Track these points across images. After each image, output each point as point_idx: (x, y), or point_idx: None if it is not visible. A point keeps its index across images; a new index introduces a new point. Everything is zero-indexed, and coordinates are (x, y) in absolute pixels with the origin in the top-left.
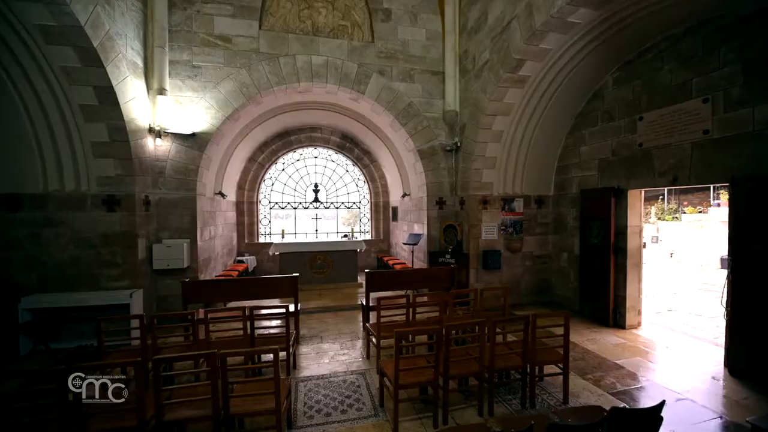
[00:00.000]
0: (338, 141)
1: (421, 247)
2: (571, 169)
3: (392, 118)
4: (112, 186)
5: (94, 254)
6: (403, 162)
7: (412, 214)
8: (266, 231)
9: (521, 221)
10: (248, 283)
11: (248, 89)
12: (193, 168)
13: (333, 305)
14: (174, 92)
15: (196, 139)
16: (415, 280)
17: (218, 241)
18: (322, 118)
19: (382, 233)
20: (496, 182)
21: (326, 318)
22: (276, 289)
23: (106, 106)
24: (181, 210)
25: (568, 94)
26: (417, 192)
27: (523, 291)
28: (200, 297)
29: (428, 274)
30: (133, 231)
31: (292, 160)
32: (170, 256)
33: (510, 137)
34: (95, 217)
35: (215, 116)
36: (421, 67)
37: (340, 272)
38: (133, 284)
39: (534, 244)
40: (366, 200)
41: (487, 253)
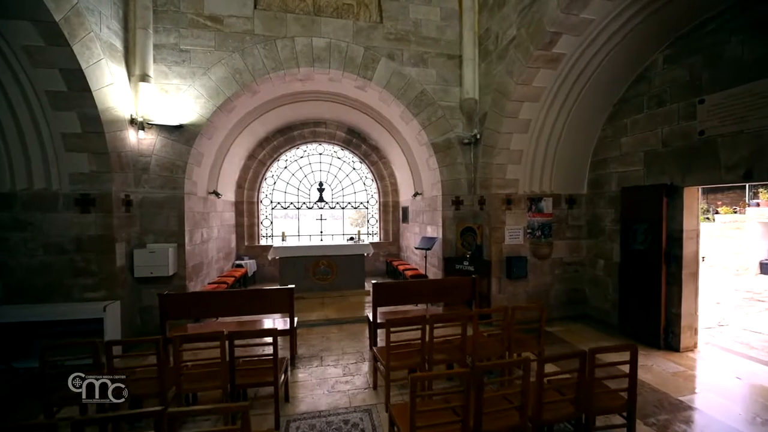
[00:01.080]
0: (344, 136)
1: (435, 252)
2: (609, 164)
3: (403, 108)
4: (86, 184)
5: (66, 261)
6: (414, 158)
7: (424, 215)
8: (268, 233)
9: (550, 223)
10: (237, 296)
11: (242, 76)
12: (181, 164)
13: (337, 317)
14: (159, 80)
15: (183, 131)
16: (430, 293)
17: (212, 244)
18: (326, 111)
19: (392, 235)
20: (522, 179)
21: (329, 333)
22: (269, 303)
23: (76, 92)
24: (167, 211)
25: (607, 76)
26: (430, 190)
27: (552, 303)
28: (181, 312)
29: (445, 285)
30: (109, 234)
31: (295, 157)
32: (154, 263)
33: (538, 127)
34: (67, 219)
35: (205, 106)
36: (435, 50)
37: (345, 279)
38: (109, 295)
39: (564, 249)
40: (374, 200)
41: (511, 259)
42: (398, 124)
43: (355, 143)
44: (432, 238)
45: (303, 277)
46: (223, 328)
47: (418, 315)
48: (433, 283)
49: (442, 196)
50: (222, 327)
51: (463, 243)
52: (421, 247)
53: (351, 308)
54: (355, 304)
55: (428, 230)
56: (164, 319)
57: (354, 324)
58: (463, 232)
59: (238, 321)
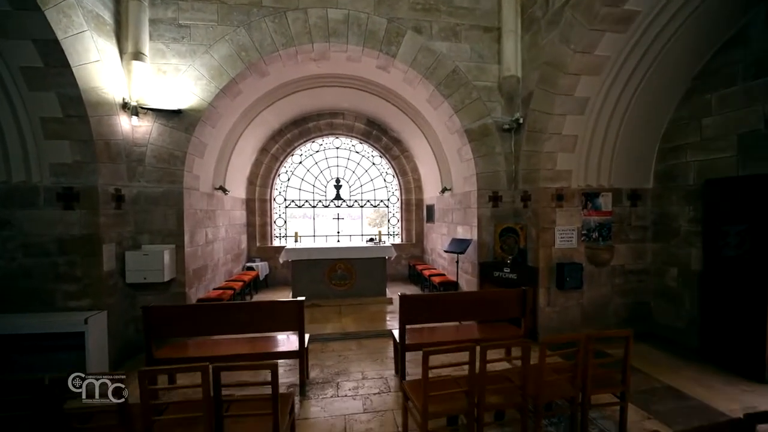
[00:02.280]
0: (363, 128)
1: (468, 256)
2: (685, 152)
3: (431, 90)
4: (69, 176)
5: (48, 264)
6: (442, 149)
7: (454, 214)
8: (281, 233)
9: (609, 223)
10: (238, 310)
11: (248, 53)
12: (179, 154)
13: (355, 330)
14: (156, 59)
15: (182, 117)
16: (470, 308)
17: (219, 245)
18: (343, 99)
19: (415, 236)
20: (576, 170)
21: (346, 350)
22: (275, 318)
23: (53, 68)
24: (165, 208)
25: (689, 40)
26: (462, 185)
27: (611, 318)
28: (170, 329)
29: (487, 298)
30: (95, 234)
31: (311, 152)
32: (147, 267)
33: (597, 107)
34: (49, 216)
35: (207, 89)
36: (469, 22)
37: (365, 284)
38: (95, 303)
39: (626, 254)
40: (395, 198)
41: (563, 266)
42: (425, 110)
43: (375, 135)
44: (464, 240)
45: (318, 282)
46: (221, 347)
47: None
48: (472, 296)
49: (477, 192)
50: (219, 347)
51: (503, 246)
52: (452, 250)
53: (371, 319)
54: (376, 314)
55: (459, 231)
56: (150, 337)
57: (375, 339)
58: (502, 234)
59: (239, 339)
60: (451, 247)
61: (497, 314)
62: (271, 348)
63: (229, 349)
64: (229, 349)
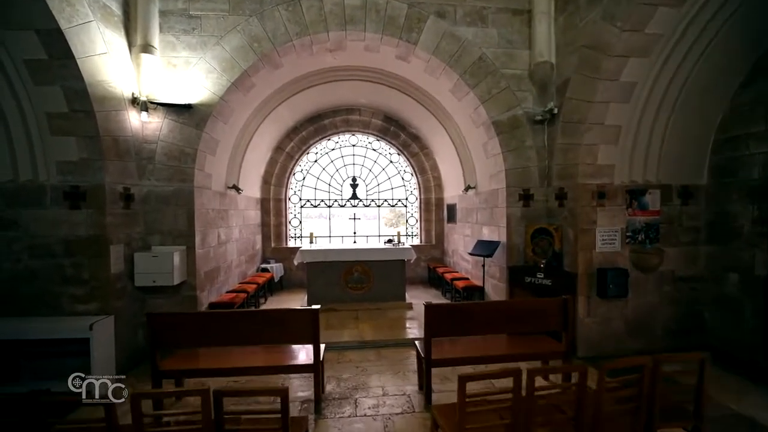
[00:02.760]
0: (380, 124)
1: (496, 259)
2: (747, 143)
3: (456, 79)
4: (75, 174)
5: (54, 266)
6: (466, 144)
7: (479, 214)
8: (296, 233)
9: (657, 224)
10: (247, 319)
11: (261, 44)
12: (190, 151)
13: (373, 338)
14: (166, 52)
15: (193, 113)
16: (503, 319)
17: (232, 246)
18: (360, 94)
19: (434, 237)
20: (620, 165)
21: (365, 360)
22: (288, 329)
23: (57, 60)
24: (175, 207)
25: (751, 13)
26: (488, 183)
27: (659, 330)
28: (176, 338)
29: (524, 309)
30: (102, 235)
31: (326, 150)
32: (156, 269)
33: (645, 93)
34: (55, 216)
35: (218, 82)
36: (496, 5)
37: (383, 288)
38: (102, 308)
39: (677, 258)
40: (414, 197)
41: (605, 272)
42: (447, 103)
43: (392, 132)
44: (491, 243)
45: (334, 286)
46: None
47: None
48: (506, 306)
49: (506, 189)
50: (229, 357)
51: (535, 249)
52: (477, 253)
53: (390, 326)
54: (395, 320)
55: (485, 232)
56: (154, 347)
57: (395, 349)
58: (534, 235)
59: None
60: (476, 249)
61: (535, 326)
62: (285, 360)
63: (240, 360)
64: (240, 360)
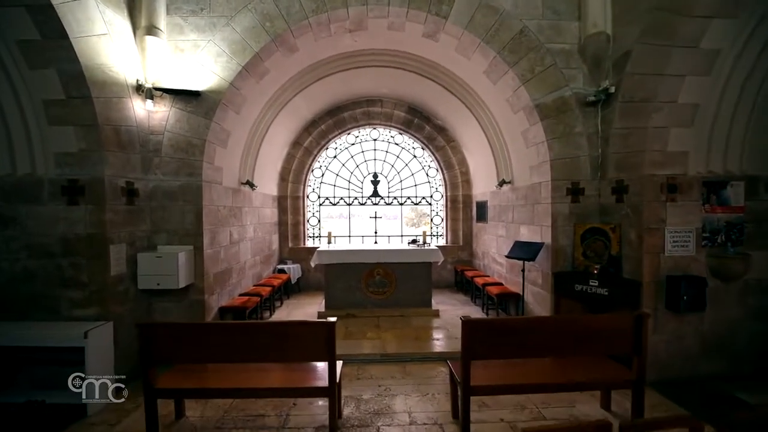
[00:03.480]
0: (403, 116)
1: (538, 264)
2: None
3: (492, 58)
4: (74, 167)
5: (53, 267)
6: (500, 133)
7: (516, 212)
8: (315, 233)
9: (741, 223)
10: (253, 332)
11: (273, 24)
12: (198, 143)
13: (397, 352)
14: (173, 36)
15: (201, 100)
16: (559, 341)
17: (246, 246)
18: (381, 83)
19: (462, 238)
20: (695, 152)
21: (388, 377)
22: (299, 344)
23: (50, 40)
24: (182, 204)
25: None
26: (527, 177)
27: (743, 350)
28: (172, 352)
29: (583, 326)
30: (101, 233)
31: (346, 145)
32: (161, 271)
33: (730, 63)
34: (53, 212)
35: (227, 66)
36: None
37: (406, 293)
38: (102, 313)
39: (765, 265)
40: (439, 194)
41: (677, 280)
42: (480, 87)
43: (416, 125)
44: (532, 244)
45: (353, 290)
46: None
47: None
48: (561, 322)
49: (550, 183)
50: (234, 376)
51: (586, 252)
52: (516, 256)
53: (415, 336)
54: (421, 330)
55: (523, 232)
56: (147, 364)
57: (422, 364)
58: (585, 236)
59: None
60: (514, 252)
61: (597, 348)
62: (296, 380)
63: (245, 380)
64: (245, 379)
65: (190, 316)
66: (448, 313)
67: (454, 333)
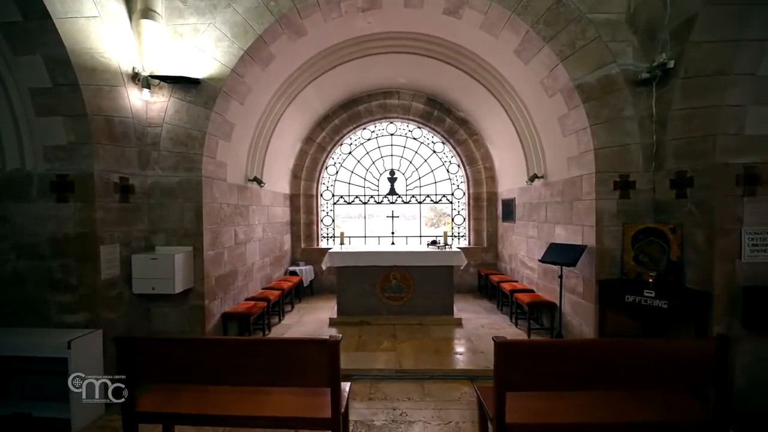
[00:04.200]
0: (422, 109)
1: (579, 270)
2: None
3: (524, 33)
4: (63, 162)
5: (42, 269)
6: (531, 121)
7: (549, 209)
8: (328, 233)
9: None
10: (245, 350)
11: (278, 2)
12: (197, 135)
13: (415, 367)
14: (172, 20)
15: (201, 89)
16: (619, 368)
17: (254, 246)
18: (398, 72)
19: (486, 239)
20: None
21: (404, 397)
22: (296, 367)
23: (32, 20)
24: (182, 201)
25: None
26: (564, 170)
27: None
28: (154, 371)
29: (649, 351)
30: (91, 233)
31: (362, 140)
32: (156, 274)
33: None
34: (42, 210)
35: (229, 51)
36: None
37: (425, 299)
38: (91, 319)
39: None
40: (461, 191)
41: (756, 292)
42: (508, 70)
43: (436, 117)
44: (572, 247)
45: (368, 295)
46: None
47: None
48: (619, 347)
49: (595, 176)
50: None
51: (639, 257)
52: (552, 260)
53: (435, 349)
54: (441, 341)
55: (558, 233)
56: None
57: (443, 383)
58: (637, 238)
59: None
60: (550, 255)
61: (669, 378)
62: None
63: (239, 405)
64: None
65: (189, 323)
66: (472, 322)
67: (479, 346)
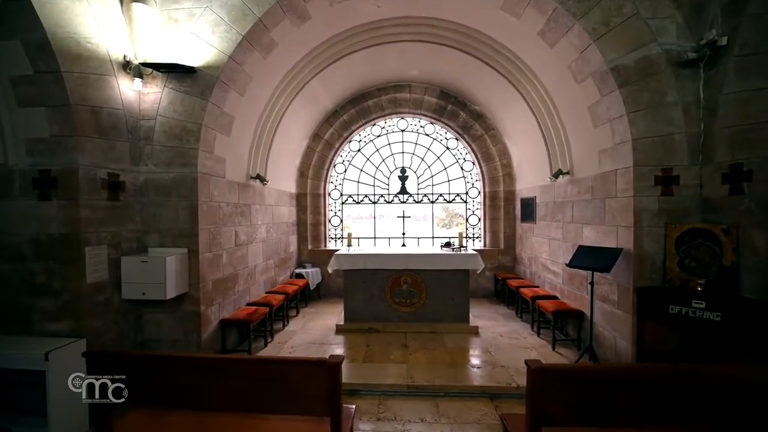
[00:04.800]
0: (434, 103)
1: (613, 276)
2: None
3: (551, 12)
4: (46, 156)
5: (24, 272)
6: (556, 112)
7: (576, 209)
8: (337, 233)
9: None
10: (231, 369)
11: None
12: (193, 128)
13: (427, 383)
14: (166, 4)
15: (196, 78)
16: (679, 401)
17: (257, 248)
18: (410, 62)
19: (503, 241)
20: None
21: (416, 416)
22: (290, 392)
23: (10, 1)
24: (176, 200)
25: None
26: (594, 164)
27: None
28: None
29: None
30: (76, 233)
31: (371, 137)
32: (147, 279)
33: None
34: (24, 208)
35: (226, 36)
36: None
37: (439, 306)
38: (75, 327)
39: None
40: (476, 190)
41: None
42: (531, 55)
43: (449, 112)
44: (605, 250)
45: (377, 300)
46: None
47: None
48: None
49: (633, 170)
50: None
51: (684, 262)
52: (582, 265)
53: (450, 361)
54: (456, 352)
55: (587, 234)
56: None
57: (460, 401)
58: (682, 241)
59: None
60: (579, 259)
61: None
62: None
63: None
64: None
65: (184, 330)
66: (489, 330)
67: (498, 358)
